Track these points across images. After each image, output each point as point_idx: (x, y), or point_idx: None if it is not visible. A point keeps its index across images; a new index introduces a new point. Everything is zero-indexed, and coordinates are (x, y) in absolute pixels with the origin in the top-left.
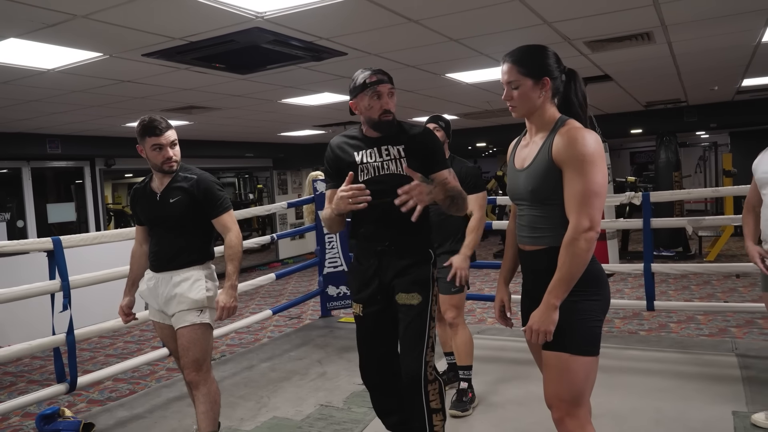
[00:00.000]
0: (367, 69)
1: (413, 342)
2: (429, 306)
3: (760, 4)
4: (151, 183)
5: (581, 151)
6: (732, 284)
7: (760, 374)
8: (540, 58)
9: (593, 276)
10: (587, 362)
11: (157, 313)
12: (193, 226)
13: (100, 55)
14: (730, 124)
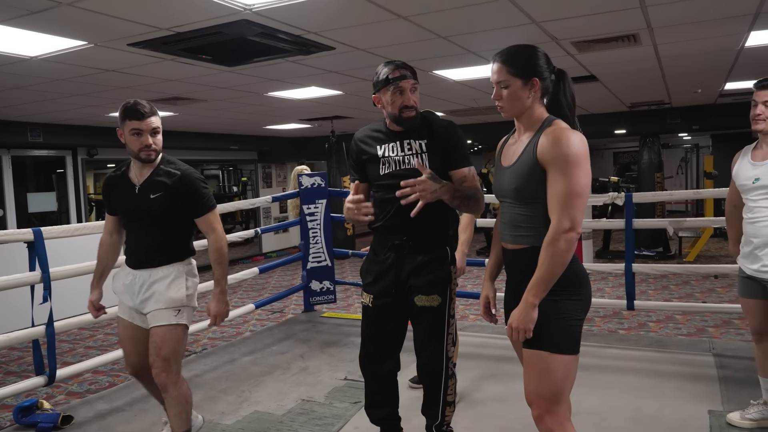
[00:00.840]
0: (390, 63)
1: (436, 342)
2: (448, 305)
3: (744, 9)
4: (129, 172)
5: (565, 151)
6: (710, 285)
7: (736, 374)
8: (530, 59)
9: (574, 275)
10: (567, 360)
11: (128, 311)
12: (174, 224)
13: (85, 43)
14: (712, 126)
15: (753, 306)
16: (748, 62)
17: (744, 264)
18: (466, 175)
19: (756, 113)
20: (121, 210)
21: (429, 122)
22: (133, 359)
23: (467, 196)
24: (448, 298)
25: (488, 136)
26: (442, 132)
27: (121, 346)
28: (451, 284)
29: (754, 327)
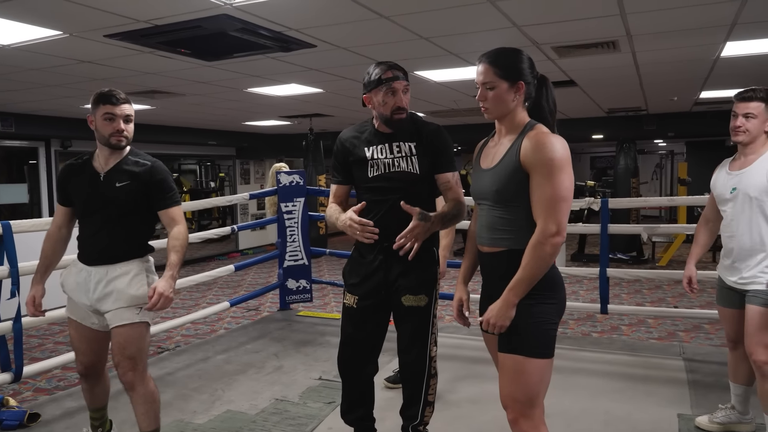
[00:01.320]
0: (383, 63)
1: (421, 341)
2: (433, 305)
3: (720, 20)
4: (93, 161)
5: (549, 156)
6: (682, 290)
7: (705, 378)
8: (517, 62)
9: (549, 280)
10: (541, 364)
11: (80, 311)
12: (137, 216)
13: (60, 33)
14: (686, 133)
15: (730, 315)
16: (723, 72)
17: (724, 275)
18: (450, 180)
19: (736, 125)
20: (80, 200)
21: (418, 125)
22: (86, 358)
23: (452, 215)
24: (433, 298)
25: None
26: (431, 136)
27: (74, 346)
28: (437, 285)
29: (730, 335)
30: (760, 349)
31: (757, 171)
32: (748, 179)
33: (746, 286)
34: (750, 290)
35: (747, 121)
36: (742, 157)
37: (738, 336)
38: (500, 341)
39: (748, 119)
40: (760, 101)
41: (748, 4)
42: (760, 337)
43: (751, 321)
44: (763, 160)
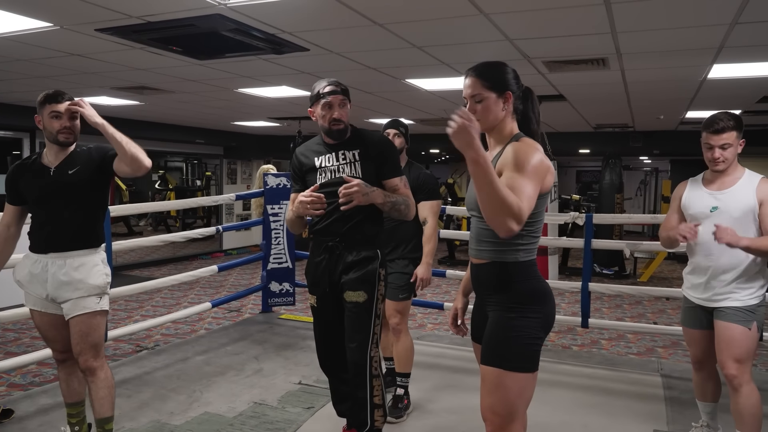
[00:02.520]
0: (325, 80)
1: (359, 336)
2: (374, 304)
3: (709, 42)
4: (42, 159)
5: (523, 158)
6: (662, 306)
7: (682, 395)
8: (503, 74)
9: (536, 293)
10: (522, 378)
11: (40, 301)
12: (93, 204)
13: (51, 25)
14: (671, 152)
15: (698, 336)
16: (709, 93)
17: (692, 294)
18: (398, 185)
19: (715, 156)
20: (33, 195)
21: (362, 136)
22: (59, 344)
23: (397, 201)
24: (374, 296)
25: None
26: (375, 144)
27: (44, 336)
28: (378, 284)
29: (696, 356)
30: (730, 363)
31: (742, 192)
32: (732, 200)
33: (717, 303)
34: (722, 307)
35: (724, 151)
36: (719, 178)
37: (705, 356)
38: (482, 353)
39: (725, 149)
40: (732, 130)
41: (736, 29)
42: (730, 351)
43: (722, 336)
44: (746, 180)
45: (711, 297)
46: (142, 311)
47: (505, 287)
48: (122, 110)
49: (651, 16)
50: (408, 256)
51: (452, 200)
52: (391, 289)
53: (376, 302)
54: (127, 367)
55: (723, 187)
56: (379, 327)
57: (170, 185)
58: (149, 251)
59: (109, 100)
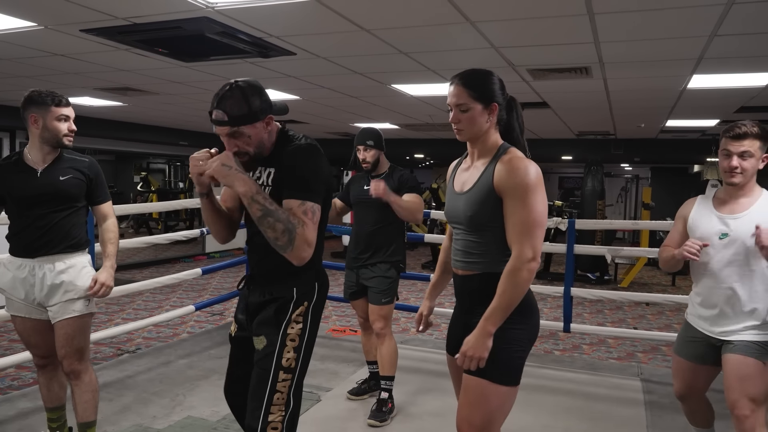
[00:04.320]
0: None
1: (254, 394)
2: (277, 352)
3: (689, 53)
4: (24, 159)
5: (524, 180)
6: (642, 311)
7: (661, 399)
8: (490, 84)
9: (524, 305)
10: (505, 392)
11: (24, 306)
12: (79, 208)
13: (35, 25)
14: (652, 159)
15: (689, 369)
16: (688, 103)
17: (699, 325)
18: (294, 211)
19: (732, 166)
20: (17, 196)
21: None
22: (41, 350)
23: (274, 213)
24: (278, 344)
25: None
26: (285, 159)
27: (26, 341)
28: (288, 327)
29: (680, 390)
30: (744, 402)
31: (759, 217)
32: (746, 226)
33: (730, 336)
34: (734, 340)
35: (744, 161)
36: (732, 199)
37: (690, 391)
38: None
39: (745, 158)
40: (755, 138)
41: (714, 41)
42: (744, 388)
43: (734, 371)
44: (764, 203)
45: (725, 330)
46: (123, 314)
47: (492, 298)
48: (105, 111)
49: (633, 27)
50: (388, 260)
51: (436, 205)
52: (373, 293)
53: (280, 349)
54: (109, 371)
55: (736, 211)
56: (290, 382)
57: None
58: (130, 253)
59: (92, 100)
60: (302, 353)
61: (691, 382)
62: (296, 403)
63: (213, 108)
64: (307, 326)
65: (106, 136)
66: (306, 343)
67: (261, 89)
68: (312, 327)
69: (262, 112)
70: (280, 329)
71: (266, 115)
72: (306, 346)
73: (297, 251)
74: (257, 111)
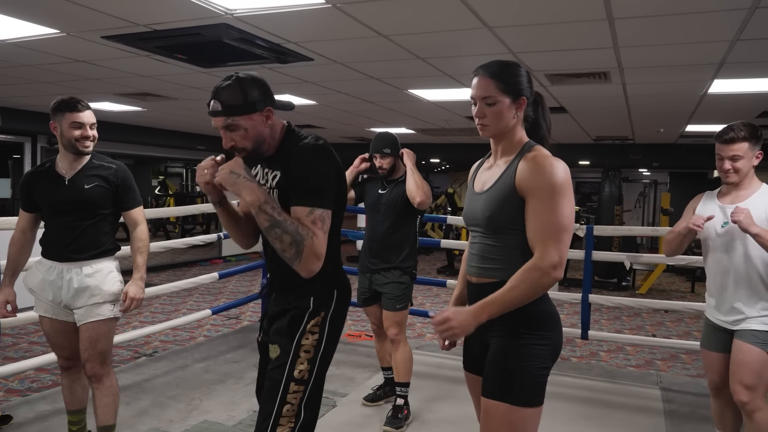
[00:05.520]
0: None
1: (264, 405)
2: (289, 362)
3: (710, 58)
4: (56, 167)
5: (550, 180)
6: (660, 318)
7: (681, 408)
8: (518, 77)
9: (545, 316)
10: (529, 414)
11: (50, 307)
12: (107, 215)
13: (57, 32)
14: (671, 164)
15: (718, 360)
16: (709, 108)
17: (714, 315)
18: (302, 220)
19: (725, 168)
20: (47, 203)
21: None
22: (66, 351)
23: (282, 224)
24: (292, 356)
25: (457, 156)
26: (292, 161)
27: (52, 342)
28: (303, 338)
29: (715, 381)
30: (740, 389)
31: (756, 206)
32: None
33: (739, 324)
34: (744, 329)
35: (735, 162)
36: (733, 191)
37: (724, 382)
38: (485, 385)
39: (736, 161)
40: (743, 141)
41: (737, 46)
42: (740, 375)
43: (735, 358)
44: (760, 195)
45: (733, 319)
46: (140, 317)
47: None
48: (124, 116)
49: (653, 32)
50: (401, 266)
51: (452, 209)
52: (387, 299)
53: (293, 360)
54: (126, 374)
55: (736, 201)
56: (301, 394)
57: (170, 191)
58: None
59: (112, 105)
60: (317, 364)
61: (720, 371)
62: (308, 414)
63: (210, 99)
64: (323, 337)
65: (125, 140)
66: (322, 354)
67: (262, 82)
68: (330, 337)
69: (259, 103)
70: (294, 340)
71: (265, 107)
72: (322, 356)
73: (305, 263)
74: (254, 102)
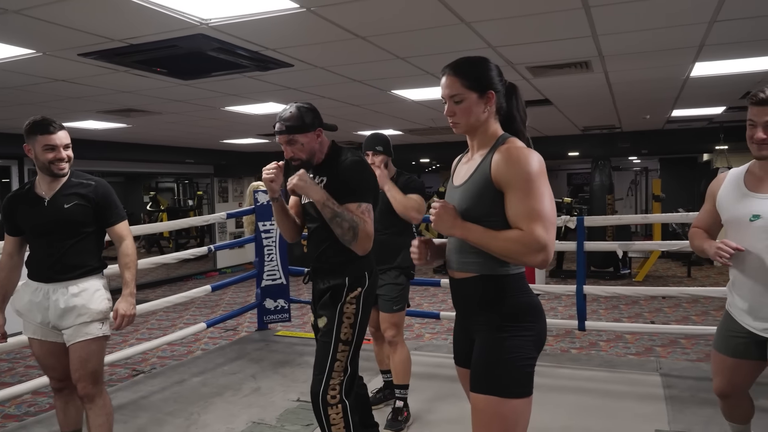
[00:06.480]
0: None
1: (319, 362)
2: (335, 328)
3: (689, 41)
4: (35, 188)
5: (525, 169)
6: (658, 304)
7: (682, 393)
8: (484, 70)
9: (527, 308)
10: (519, 405)
11: (40, 329)
12: (90, 233)
13: (33, 52)
14: (659, 151)
15: (733, 366)
16: (693, 91)
17: (744, 319)
18: (354, 211)
19: (757, 137)
20: (28, 226)
21: (335, 160)
22: (58, 372)
23: (342, 215)
24: (335, 321)
25: (446, 155)
26: (341, 170)
27: (42, 364)
28: (343, 305)
29: (723, 389)
30: None
31: None
32: None
33: None
34: None
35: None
36: (765, 173)
37: (733, 389)
38: (472, 380)
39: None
40: None
41: (714, 27)
42: None
43: None
44: None
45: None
46: (137, 334)
47: (495, 303)
48: (110, 133)
49: (630, 18)
50: (399, 266)
51: None
52: (384, 301)
53: (338, 326)
54: (123, 392)
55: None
56: (344, 353)
57: (162, 206)
58: (142, 273)
59: (96, 123)
60: (357, 329)
61: (734, 379)
62: (353, 369)
63: (276, 122)
64: (360, 307)
65: (113, 158)
66: (360, 320)
67: (314, 109)
68: (365, 307)
69: (312, 125)
70: (337, 309)
71: (317, 127)
72: (361, 322)
73: (361, 243)
74: (309, 124)
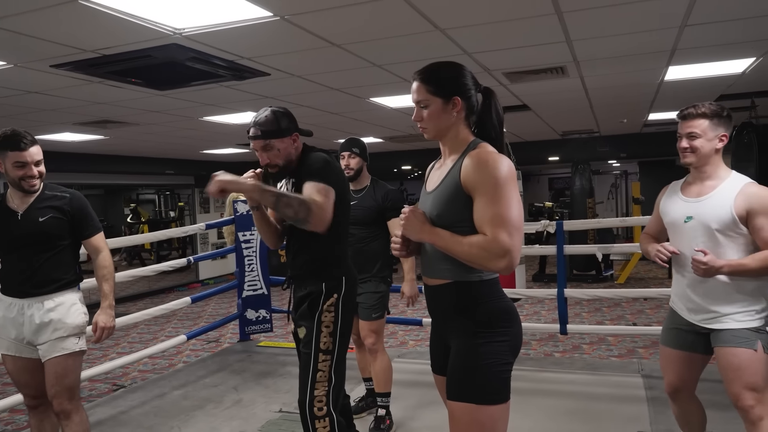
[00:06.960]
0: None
1: (302, 374)
2: (315, 337)
3: (661, 45)
4: (7, 202)
5: (493, 174)
6: (640, 306)
7: (663, 395)
8: (451, 76)
9: (500, 313)
10: (495, 411)
11: (14, 345)
12: (65, 247)
13: (4, 63)
14: (638, 154)
15: (678, 358)
16: (668, 95)
17: (684, 313)
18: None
19: (682, 146)
20: (2, 240)
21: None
22: (32, 390)
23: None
24: (314, 330)
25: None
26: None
27: (16, 381)
28: (322, 316)
29: (673, 382)
30: (746, 393)
31: (720, 202)
32: (709, 209)
33: (712, 323)
34: (719, 329)
35: (692, 141)
36: (698, 182)
37: (682, 383)
38: (448, 387)
39: (693, 139)
40: (703, 118)
41: (686, 32)
42: (743, 379)
43: (728, 364)
44: (726, 189)
45: (705, 318)
46: (118, 348)
47: (468, 310)
48: (87, 146)
49: (602, 23)
50: (377, 275)
51: None
52: (363, 309)
53: (317, 335)
54: (102, 408)
55: (701, 194)
56: (326, 363)
57: (142, 218)
58: (123, 287)
59: (73, 135)
60: (338, 337)
61: (682, 373)
62: (338, 379)
63: (250, 127)
64: (338, 315)
65: (91, 170)
66: (340, 328)
67: (289, 113)
68: (345, 315)
69: (288, 130)
70: (315, 319)
71: (293, 132)
72: (341, 331)
73: (316, 218)
74: (285, 128)
